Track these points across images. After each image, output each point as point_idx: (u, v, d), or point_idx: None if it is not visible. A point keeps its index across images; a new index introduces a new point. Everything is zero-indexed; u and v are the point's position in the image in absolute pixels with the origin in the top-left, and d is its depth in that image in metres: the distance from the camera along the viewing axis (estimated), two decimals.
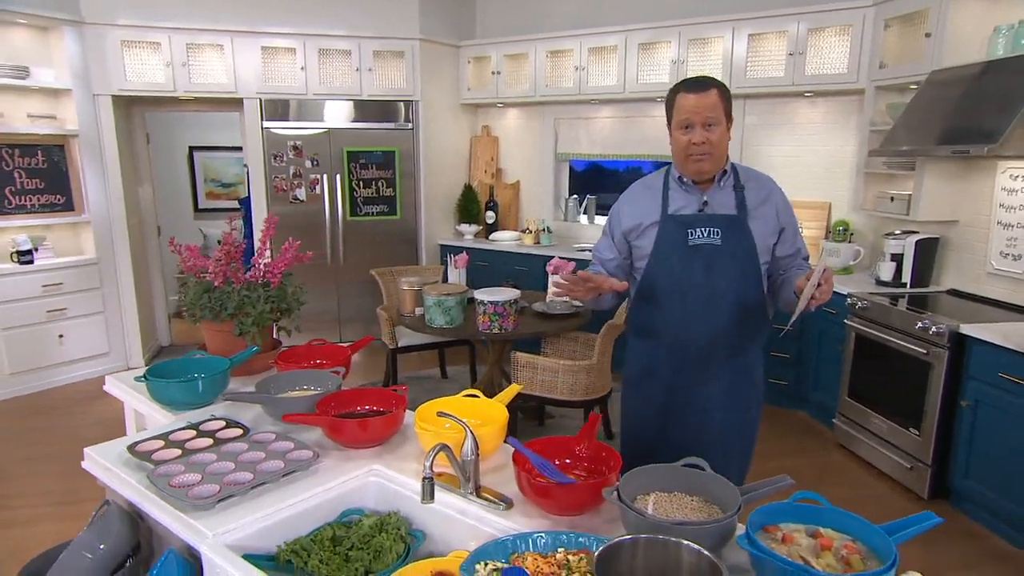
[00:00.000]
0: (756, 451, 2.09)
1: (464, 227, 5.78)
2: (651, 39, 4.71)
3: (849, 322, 3.67)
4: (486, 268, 5.36)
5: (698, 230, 1.85)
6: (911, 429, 3.26)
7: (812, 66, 4.18)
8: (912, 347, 3.21)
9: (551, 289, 1.99)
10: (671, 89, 1.86)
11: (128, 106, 5.17)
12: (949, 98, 3.29)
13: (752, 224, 1.86)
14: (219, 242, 2.27)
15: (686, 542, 1.02)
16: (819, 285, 1.65)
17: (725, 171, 1.88)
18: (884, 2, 3.81)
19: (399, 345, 4.26)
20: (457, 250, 4.77)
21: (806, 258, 2.02)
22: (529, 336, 3.58)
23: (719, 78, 4.38)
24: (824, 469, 3.58)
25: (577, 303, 3.46)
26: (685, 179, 1.89)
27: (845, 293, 3.74)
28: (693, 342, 1.89)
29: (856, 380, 3.68)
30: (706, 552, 1.00)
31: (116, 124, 4.82)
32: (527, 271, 5.19)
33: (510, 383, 3.56)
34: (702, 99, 1.77)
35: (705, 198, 1.87)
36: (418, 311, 3.69)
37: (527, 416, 4.06)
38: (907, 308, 3.35)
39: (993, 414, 2.88)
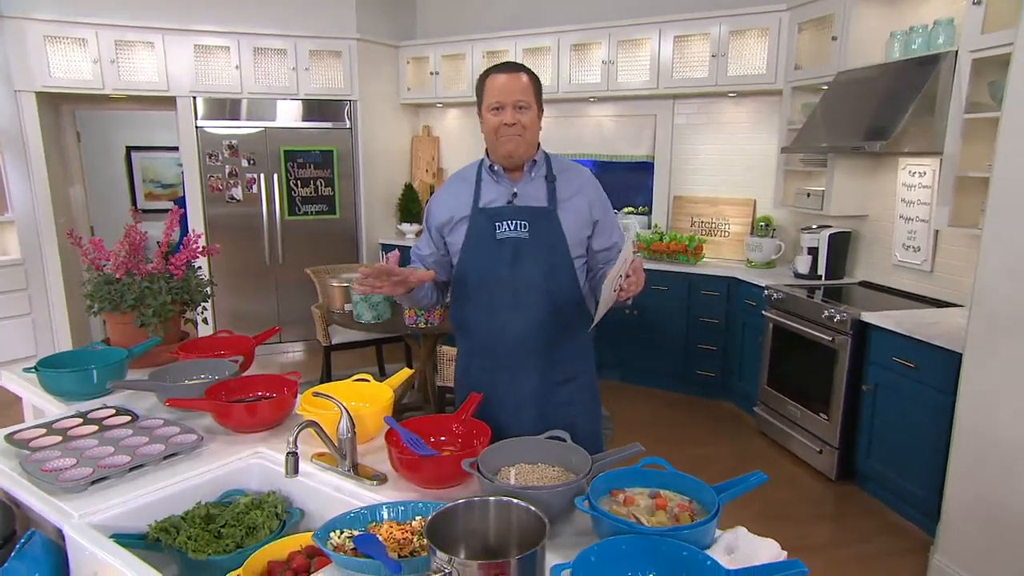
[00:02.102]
0: (678, 439, 2.00)
1: (405, 226, 5.80)
2: (583, 40, 4.82)
3: (767, 313, 3.81)
4: None
5: (505, 223, 1.78)
6: (821, 414, 3.40)
7: (734, 67, 4.33)
8: (820, 335, 3.36)
9: (356, 288, 1.77)
10: (480, 75, 1.80)
11: (56, 103, 5.05)
12: (852, 98, 3.46)
13: (562, 216, 1.79)
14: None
15: (515, 501, 1.08)
16: (627, 276, 1.56)
17: (536, 161, 1.82)
18: (797, 7, 3.98)
19: (332, 343, 4.26)
20: (391, 249, 4.79)
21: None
22: None
23: (648, 79, 4.61)
24: (742, 455, 3.71)
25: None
26: (496, 168, 1.82)
27: (763, 285, 3.89)
28: (502, 338, 1.82)
29: (774, 369, 3.83)
30: (533, 509, 1.06)
31: (41, 121, 4.70)
32: None
33: (440, 379, 3.60)
34: (512, 80, 1.72)
35: (515, 189, 1.81)
36: (347, 307, 3.71)
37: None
38: (821, 299, 3.50)
39: (890, 397, 3.04)
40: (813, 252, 3.99)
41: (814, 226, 4.04)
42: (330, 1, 5.23)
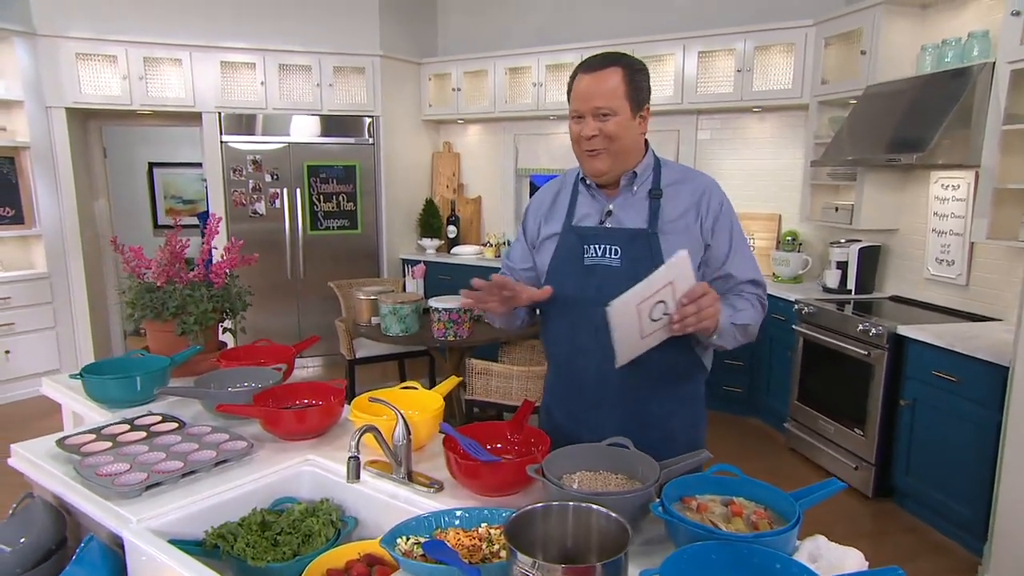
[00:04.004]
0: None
1: (426, 241, 5.81)
2: None
3: (797, 328, 3.77)
4: (448, 282, 5.37)
5: (594, 247, 1.54)
6: (856, 430, 3.35)
7: (759, 82, 4.34)
8: (855, 349, 3.31)
9: (462, 300, 1.49)
10: (571, 75, 1.54)
11: (84, 119, 5.11)
12: (883, 111, 3.44)
13: (665, 240, 1.50)
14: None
15: (596, 507, 1.05)
16: (683, 304, 1.34)
17: (636, 173, 1.55)
18: (823, 22, 3.99)
19: (357, 356, 4.24)
20: (417, 263, 4.79)
21: (753, 282, 1.58)
22: (484, 343, 3.61)
23: (672, 94, 4.61)
24: (773, 472, 3.64)
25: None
26: (589, 181, 1.58)
27: (793, 300, 3.86)
28: (582, 375, 1.60)
29: (805, 384, 3.77)
30: (614, 515, 1.03)
31: (70, 137, 4.76)
32: None
33: (468, 392, 3.57)
34: (596, 82, 1.45)
35: (610, 207, 1.56)
36: (374, 320, 3.70)
37: None
38: (854, 313, 3.45)
39: (929, 412, 2.98)
40: (842, 266, 3.95)
41: (843, 240, 4.01)
42: (354, 18, 5.29)
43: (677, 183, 1.56)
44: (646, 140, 1.59)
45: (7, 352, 4.58)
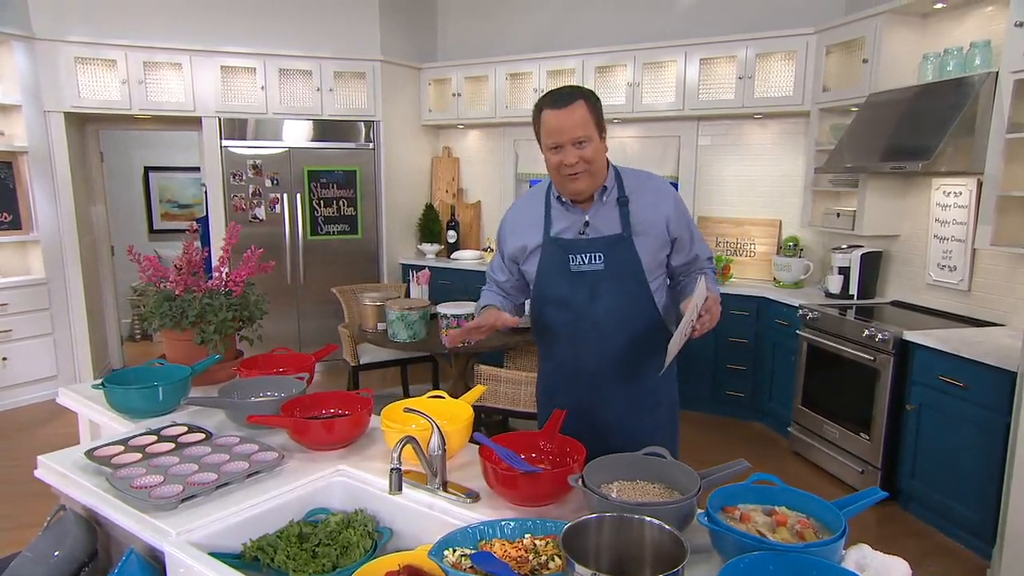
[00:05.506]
0: (711, 460, 1.82)
1: (426, 246, 5.80)
2: (607, 63, 4.87)
3: (801, 333, 3.80)
4: (448, 286, 5.37)
5: (579, 255, 1.75)
6: (861, 434, 3.38)
7: (760, 89, 4.38)
8: (860, 355, 3.34)
9: (447, 340, 1.90)
10: (536, 105, 1.72)
11: (81, 124, 5.07)
12: (886, 119, 3.49)
13: (638, 241, 1.75)
14: (174, 265, 2.23)
15: (649, 519, 1.06)
16: (700, 316, 1.59)
17: (606, 187, 1.75)
18: (825, 30, 4.03)
19: (361, 362, 4.23)
20: (419, 268, 4.79)
21: (709, 258, 1.92)
22: (492, 349, 3.61)
23: (673, 100, 4.64)
24: (779, 475, 3.66)
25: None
26: (564, 200, 1.78)
27: (796, 305, 3.89)
28: (583, 367, 1.83)
29: (809, 389, 3.80)
30: (668, 527, 1.03)
31: (68, 141, 4.71)
32: None
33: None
34: (568, 116, 1.63)
35: (587, 218, 1.76)
36: (380, 327, 3.69)
37: (491, 431, 4.06)
38: (858, 319, 3.49)
39: (935, 416, 3.02)
40: (844, 272, 3.99)
41: (844, 246, 4.05)
42: (354, 23, 5.29)
43: (638, 189, 1.79)
44: None
45: (4, 359, 4.52)
